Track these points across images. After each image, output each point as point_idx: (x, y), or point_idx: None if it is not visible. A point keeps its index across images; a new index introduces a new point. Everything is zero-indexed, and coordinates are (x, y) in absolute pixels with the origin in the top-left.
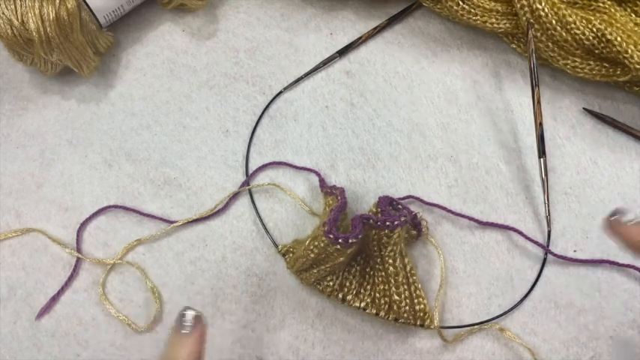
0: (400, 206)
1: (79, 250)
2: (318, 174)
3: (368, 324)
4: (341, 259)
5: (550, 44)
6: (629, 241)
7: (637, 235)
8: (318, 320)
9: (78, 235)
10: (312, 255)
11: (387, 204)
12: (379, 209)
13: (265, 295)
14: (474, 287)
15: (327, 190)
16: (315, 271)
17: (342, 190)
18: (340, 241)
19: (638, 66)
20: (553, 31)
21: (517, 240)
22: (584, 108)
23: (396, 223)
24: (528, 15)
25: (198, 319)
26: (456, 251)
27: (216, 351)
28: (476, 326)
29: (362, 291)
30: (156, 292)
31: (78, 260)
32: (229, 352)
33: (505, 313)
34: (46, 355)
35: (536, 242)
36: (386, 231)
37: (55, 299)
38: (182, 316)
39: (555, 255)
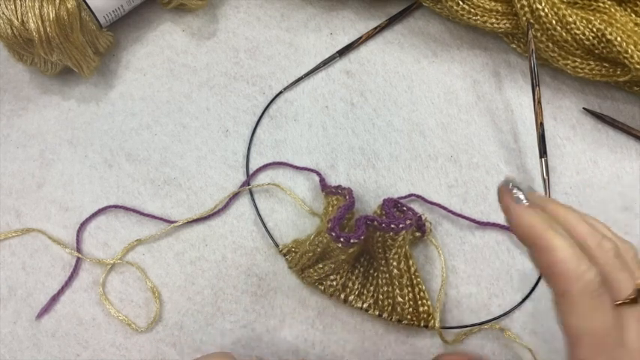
0: (405, 208)
1: (79, 250)
2: (318, 174)
3: (368, 324)
4: (342, 257)
5: (550, 44)
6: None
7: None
8: (318, 320)
9: (78, 235)
10: (319, 249)
11: (392, 206)
12: (384, 211)
13: (265, 295)
14: (474, 287)
15: (332, 189)
16: (319, 266)
17: (349, 190)
18: (342, 240)
19: (638, 66)
20: (553, 31)
21: (517, 240)
22: (584, 108)
23: (401, 226)
24: (528, 15)
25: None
26: (456, 251)
27: (217, 351)
28: (476, 326)
29: (365, 292)
30: (156, 292)
31: (78, 260)
32: None
33: (506, 313)
34: (46, 355)
35: None
36: (391, 233)
37: (55, 299)
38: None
39: None
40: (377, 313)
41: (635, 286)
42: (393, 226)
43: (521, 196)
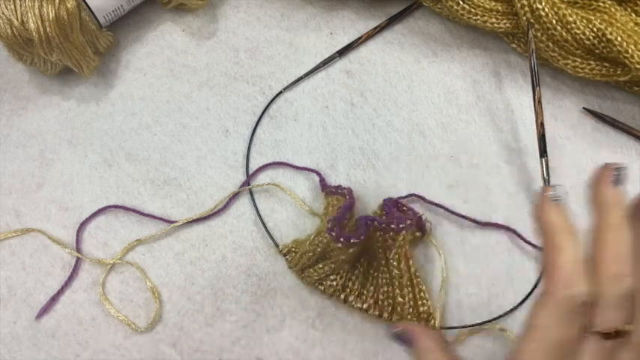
0: (405, 208)
1: (78, 250)
2: (318, 174)
3: (368, 324)
4: (342, 257)
5: (550, 44)
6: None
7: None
8: (318, 320)
9: (78, 235)
10: (319, 249)
11: (392, 206)
12: (384, 211)
13: (265, 295)
14: (475, 287)
15: (332, 189)
16: (319, 266)
17: (350, 190)
18: (342, 240)
19: (638, 66)
20: (553, 31)
21: (517, 240)
22: (584, 108)
23: (401, 226)
24: (528, 15)
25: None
26: (457, 251)
27: (216, 351)
28: (476, 327)
29: (365, 292)
30: (156, 292)
31: (78, 260)
32: (229, 352)
33: (506, 314)
34: (46, 355)
35: (534, 245)
36: (391, 233)
37: (55, 299)
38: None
39: None
40: (377, 313)
41: (615, 328)
42: (393, 226)
43: (559, 193)
